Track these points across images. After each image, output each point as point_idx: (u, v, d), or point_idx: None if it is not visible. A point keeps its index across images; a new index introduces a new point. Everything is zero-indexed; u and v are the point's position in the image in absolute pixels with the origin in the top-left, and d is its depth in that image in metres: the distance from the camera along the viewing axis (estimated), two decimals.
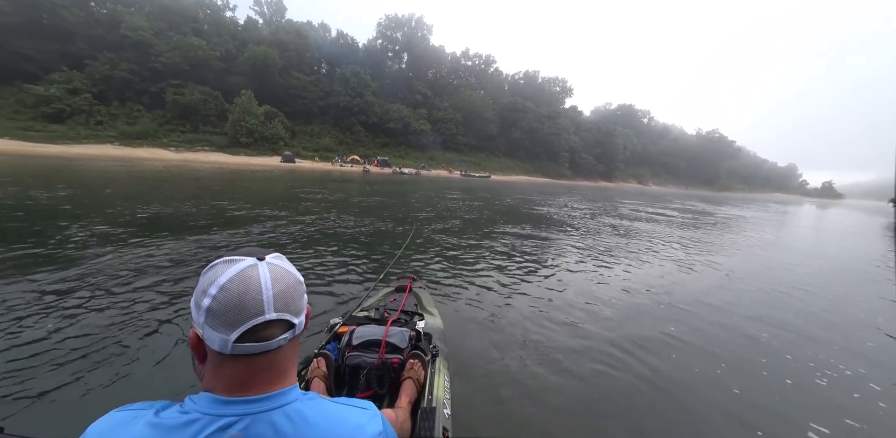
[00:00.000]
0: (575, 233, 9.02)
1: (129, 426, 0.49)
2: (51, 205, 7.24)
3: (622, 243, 8.11)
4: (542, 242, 7.40)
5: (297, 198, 11.64)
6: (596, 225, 10.80)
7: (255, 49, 40.96)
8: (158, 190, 11.14)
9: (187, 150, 33.78)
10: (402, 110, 50.58)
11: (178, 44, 36.77)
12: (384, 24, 59.21)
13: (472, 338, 2.97)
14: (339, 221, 7.74)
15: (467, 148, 57.81)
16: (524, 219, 10.99)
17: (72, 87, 33.63)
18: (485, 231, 8.28)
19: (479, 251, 6.11)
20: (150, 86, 36.55)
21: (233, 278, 0.51)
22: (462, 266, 5.14)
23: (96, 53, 35.71)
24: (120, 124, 34.03)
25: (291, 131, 42.83)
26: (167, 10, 40.48)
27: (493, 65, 70.43)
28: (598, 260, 6.30)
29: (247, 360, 0.52)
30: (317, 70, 51.57)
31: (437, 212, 10.74)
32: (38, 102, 31.98)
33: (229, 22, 47.85)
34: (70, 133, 31.09)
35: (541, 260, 5.91)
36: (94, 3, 39.26)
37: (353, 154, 43.71)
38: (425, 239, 6.67)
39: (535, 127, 62.60)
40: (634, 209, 18.51)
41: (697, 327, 3.67)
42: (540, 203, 17.44)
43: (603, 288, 4.72)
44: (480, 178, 44.79)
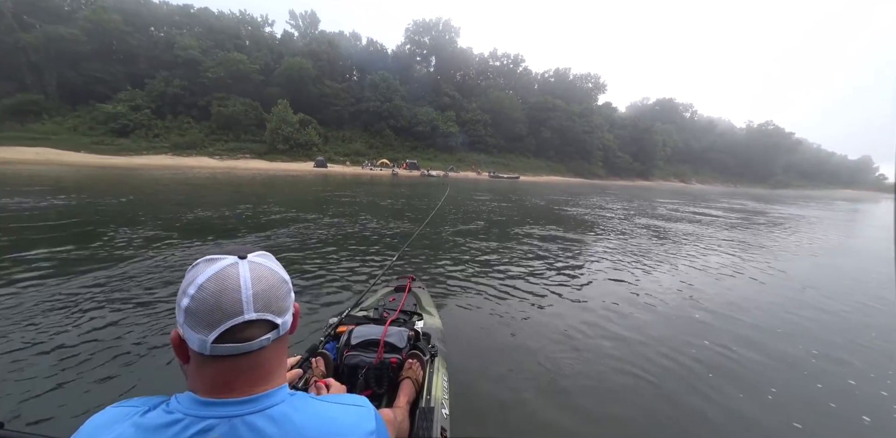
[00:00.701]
0: (605, 235, 8.50)
1: (117, 424, 0.49)
2: (115, 210, 8.07)
3: (657, 246, 7.51)
4: (568, 244, 7.02)
5: (328, 201, 12.07)
6: (629, 227, 10.14)
7: (291, 60, 43.12)
8: (204, 196, 12.01)
9: (230, 158, 36.20)
10: (430, 113, 51.01)
11: (223, 59, 39.57)
12: (412, 30, 60.17)
13: (472, 339, 2.93)
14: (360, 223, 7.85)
15: (496, 149, 57.17)
16: (552, 220, 10.55)
17: (134, 104, 37.31)
18: (507, 232, 8.02)
19: (495, 253, 5.92)
20: (199, 100, 39.59)
21: (211, 277, 0.50)
22: (473, 267, 5.00)
23: (154, 72, 39.33)
24: (173, 136, 37.17)
25: (324, 137, 44.59)
26: (213, 29, 43.79)
27: (521, 64, 69.31)
28: (627, 263, 5.89)
29: (228, 361, 0.51)
30: (348, 77, 53.41)
31: (461, 214, 10.60)
32: (108, 119, 35.77)
33: (268, 37, 50.88)
34: (132, 145, 34.44)
35: (562, 263, 5.60)
36: (153, 27, 43.37)
37: (382, 157, 44.65)
38: (441, 240, 6.56)
39: (565, 125, 60.67)
40: (674, 209, 17.26)
41: (741, 341, 3.27)
42: (570, 204, 16.74)
43: (628, 294, 4.40)
44: (509, 179, 44.04)
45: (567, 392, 2.36)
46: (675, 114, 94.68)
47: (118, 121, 35.90)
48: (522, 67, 69.94)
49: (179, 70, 39.26)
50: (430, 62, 61.97)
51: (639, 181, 70.21)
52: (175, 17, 44.72)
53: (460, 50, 62.32)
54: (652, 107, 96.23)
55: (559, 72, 73.11)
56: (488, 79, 66.53)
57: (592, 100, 73.95)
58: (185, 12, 45.39)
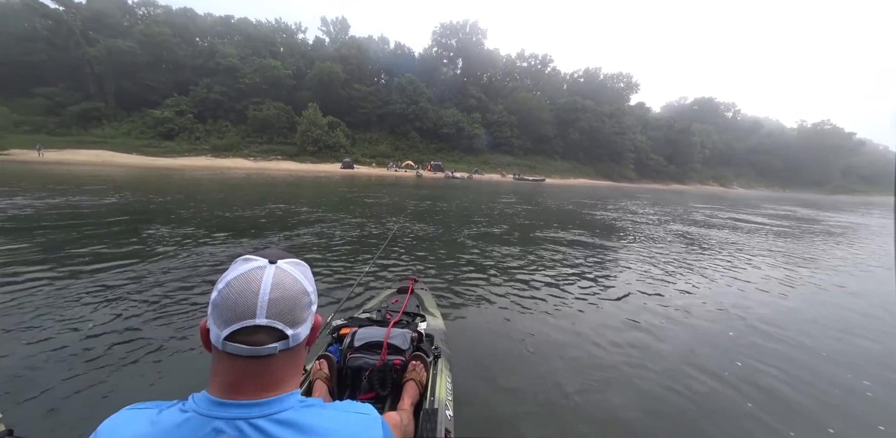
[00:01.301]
0: (633, 241, 7.97)
1: (134, 423, 0.51)
2: (159, 208, 8.62)
3: (691, 254, 6.92)
4: (592, 250, 6.62)
5: (353, 202, 12.24)
6: (660, 233, 9.47)
7: (321, 65, 44.70)
8: (239, 195, 12.55)
9: (263, 159, 37.94)
10: (456, 115, 51.08)
11: (259, 66, 41.67)
12: (439, 32, 60.64)
13: (477, 340, 2.90)
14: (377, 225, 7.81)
15: (522, 151, 56.29)
16: (576, 224, 10.06)
17: (179, 110, 40.05)
18: (528, 236, 7.70)
19: (512, 257, 5.66)
20: (236, 105, 41.88)
21: (238, 276, 0.52)
22: (486, 270, 4.79)
23: (198, 80, 42.06)
24: (212, 139, 39.52)
25: (352, 139, 45.80)
26: (251, 38, 46.25)
27: (549, 64, 67.98)
28: (655, 272, 5.45)
29: (238, 361, 0.52)
30: (376, 81, 54.62)
31: (481, 216, 10.35)
32: (156, 124, 38.62)
33: (300, 43, 53.10)
34: (177, 148, 36.95)
35: (584, 269, 5.25)
36: (198, 38, 46.49)
37: (407, 159, 45.17)
38: (456, 242, 6.38)
39: (595, 126, 58.71)
40: (711, 215, 16.07)
41: (789, 366, 2.86)
42: (598, 207, 16.01)
43: (652, 304, 4.03)
44: (534, 182, 43.12)
45: (574, 397, 2.29)
46: (715, 113, 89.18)
47: (165, 125, 38.67)
48: (551, 68, 68.59)
49: (220, 77, 41.75)
50: (456, 64, 62.15)
51: (673, 185, 66.60)
52: (218, 28, 47.73)
53: (487, 51, 62.05)
54: (689, 107, 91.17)
55: (589, 71, 71.03)
56: (515, 80, 65.76)
57: (624, 100, 71.17)
58: (226, 23, 48.34)
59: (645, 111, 76.07)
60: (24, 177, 14.63)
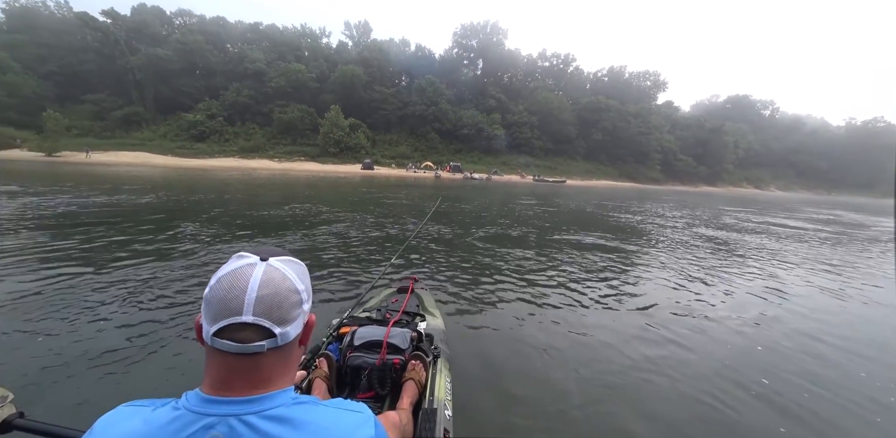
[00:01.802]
0: (656, 245, 7.58)
1: (128, 420, 0.51)
2: (190, 206, 9.06)
3: (720, 260, 6.49)
4: (611, 254, 6.35)
5: (373, 202, 12.32)
6: (686, 237, 8.95)
7: (344, 68, 45.76)
8: (263, 195, 12.94)
9: (287, 160, 39.20)
10: (476, 116, 50.93)
11: (284, 70, 43.15)
12: (459, 34, 60.73)
13: (478, 341, 2.90)
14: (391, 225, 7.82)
15: (542, 152, 55.38)
16: (596, 227, 9.69)
17: (210, 113, 42.07)
18: (543, 238, 7.47)
19: (523, 259, 5.47)
20: (263, 108, 43.53)
21: (229, 273, 0.53)
22: (493, 272, 4.62)
23: (228, 84, 44.05)
24: (240, 140, 41.24)
25: (372, 140, 46.54)
26: (277, 43, 48.01)
27: (572, 63, 66.65)
28: (677, 277, 5.12)
29: (227, 358, 0.52)
30: (397, 83, 55.34)
31: (497, 218, 10.18)
32: (189, 126, 40.75)
33: (324, 47, 54.61)
34: (207, 149, 38.81)
35: (599, 274, 5.02)
36: (229, 45, 48.72)
37: (426, 160, 45.41)
38: (465, 243, 6.28)
39: (619, 127, 56.94)
40: (744, 218, 15.13)
41: (817, 385, 2.57)
42: (621, 210, 15.43)
43: (669, 312, 3.77)
44: (554, 183, 42.26)
45: (576, 400, 2.24)
46: (750, 111, 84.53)
47: (197, 128, 40.73)
48: (573, 67, 67.22)
49: (248, 81, 43.56)
50: (476, 65, 62.01)
51: (703, 187, 63.56)
52: (248, 34, 49.87)
53: (508, 52, 61.57)
54: (722, 106, 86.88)
55: (613, 70, 69.06)
56: (536, 80, 64.88)
57: (651, 99, 68.73)
58: (255, 29, 50.43)
59: (673, 110, 73.07)
60: (72, 177, 15.72)
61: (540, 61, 65.76)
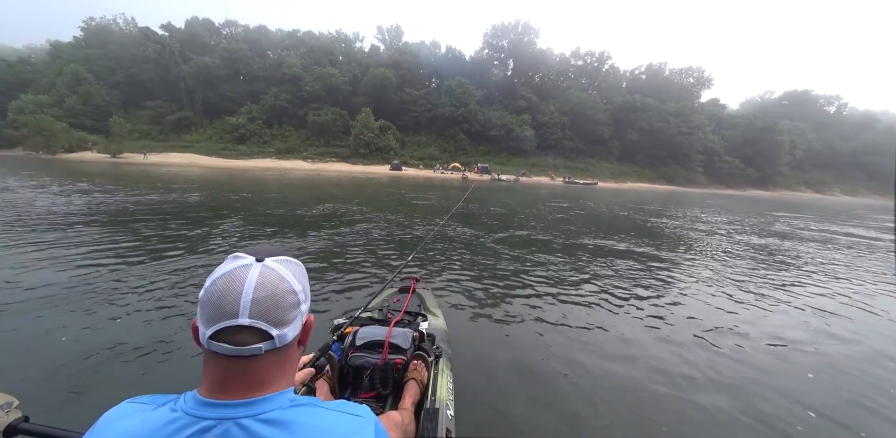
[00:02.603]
0: (693, 253, 6.96)
1: (128, 419, 0.51)
2: (231, 204, 9.69)
3: (766, 271, 5.83)
4: (641, 260, 5.92)
5: (400, 203, 12.46)
6: (730, 245, 8.15)
7: (375, 71, 46.88)
8: (297, 195, 13.50)
9: (319, 161, 40.71)
10: (505, 117, 50.30)
11: (319, 74, 44.90)
12: (490, 34, 60.33)
13: (480, 341, 2.88)
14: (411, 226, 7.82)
15: (574, 153, 53.64)
16: (629, 232, 9.09)
17: (251, 117, 44.62)
18: (571, 242, 7.10)
19: (543, 264, 5.19)
20: (298, 111, 45.54)
21: (223, 275, 0.52)
22: (502, 274, 4.41)
23: (267, 89, 46.51)
24: (277, 142, 43.38)
25: (402, 142, 47.28)
26: (314, 48, 50.07)
27: (607, 62, 64.11)
28: (714, 289, 4.63)
29: (224, 361, 0.51)
30: (427, 85, 55.90)
31: (519, 220, 9.87)
32: (232, 129, 43.45)
33: (357, 51, 56.25)
34: (247, 151, 41.16)
35: (624, 281, 4.65)
36: (270, 52, 51.51)
37: (454, 161, 45.42)
38: (483, 246, 6.10)
39: (657, 127, 53.93)
40: (800, 226, 13.65)
41: (871, 421, 2.15)
42: (658, 214, 14.48)
43: (700, 326, 3.37)
44: (585, 186, 40.72)
45: (577, 398, 2.24)
46: (811, 108, 77.03)
47: (239, 130, 43.35)
48: (608, 65, 64.63)
49: (286, 85, 45.78)
50: (507, 65, 61.29)
51: (752, 190, 58.64)
52: (286, 41, 52.49)
53: (539, 51, 60.34)
54: (777, 103, 79.97)
55: (652, 67, 65.62)
56: (569, 79, 63.05)
57: (694, 97, 64.55)
58: (293, 36, 52.97)
59: (719, 108, 68.10)
60: (131, 177, 17.23)
61: (573, 60, 63.82)
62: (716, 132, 60.16)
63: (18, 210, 7.01)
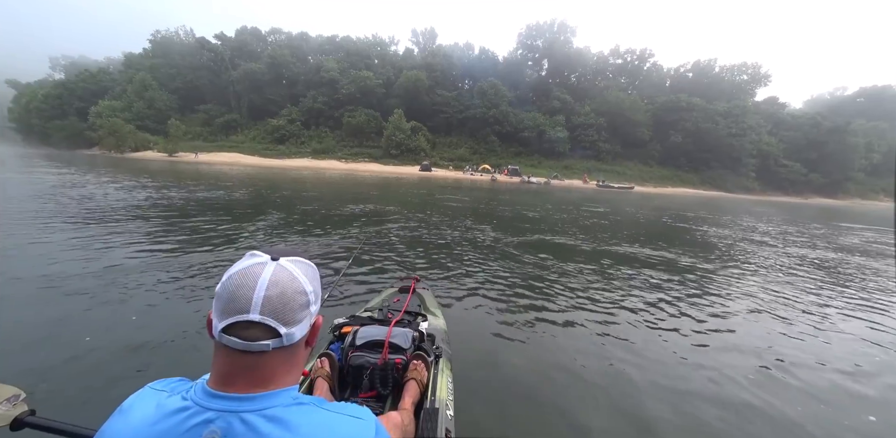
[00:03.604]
0: (740, 266, 6.24)
1: (146, 404, 0.54)
2: (271, 201, 10.26)
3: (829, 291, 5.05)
4: (673, 269, 5.42)
5: (430, 204, 12.43)
6: (788, 260, 7.22)
7: (408, 73, 47.68)
8: (331, 193, 14.03)
9: (352, 161, 41.99)
10: (538, 118, 49.17)
11: (354, 77, 46.40)
12: (524, 34, 59.34)
13: (480, 341, 2.88)
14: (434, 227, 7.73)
15: (610, 155, 51.30)
16: (666, 241, 8.36)
17: (290, 118, 46.97)
18: (598, 249, 6.64)
19: (564, 274, 4.87)
20: (334, 113, 47.30)
21: (240, 271, 0.53)
22: (516, 279, 4.18)
23: (306, 92, 48.77)
24: (313, 143, 45.32)
25: (432, 143, 47.67)
26: (351, 53, 51.88)
27: (649, 60, 60.77)
28: (766, 308, 4.10)
29: (232, 354, 0.53)
30: (459, 86, 56.01)
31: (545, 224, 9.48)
32: (273, 130, 45.99)
33: (392, 54, 57.56)
34: (286, 151, 43.35)
35: (651, 292, 4.24)
36: (310, 56, 54.06)
37: (484, 163, 45.05)
38: (501, 250, 5.90)
39: (703, 128, 50.20)
40: (874, 239, 11.95)
41: None
42: (703, 222, 13.36)
43: (734, 344, 2.98)
44: (620, 190, 38.73)
45: (575, 395, 2.26)
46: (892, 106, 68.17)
47: (279, 131, 45.78)
48: (650, 63, 61.25)
49: (323, 88, 47.76)
50: (541, 65, 59.96)
51: (816, 198, 52.88)
52: (325, 46, 54.87)
53: (576, 50, 58.46)
54: (851, 100, 71.82)
55: (700, 65, 61.25)
56: (608, 78, 60.48)
57: (747, 95, 59.48)
58: (332, 42, 55.24)
59: (778, 107, 62.16)
60: (185, 174, 18.70)
61: (612, 58, 61.14)
62: (773, 133, 54.99)
63: (87, 203, 7.74)
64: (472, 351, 2.61)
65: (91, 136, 41.74)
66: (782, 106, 63.53)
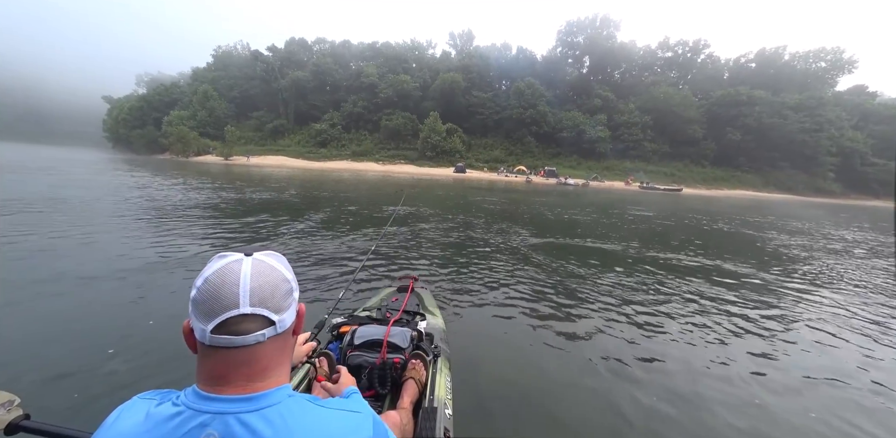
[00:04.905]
0: (817, 282, 5.32)
1: (134, 413, 0.52)
2: (315, 201, 10.96)
3: None
4: (712, 278, 4.85)
5: (462, 206, 12.33)
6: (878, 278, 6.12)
7: (444, 76, 48.11)
8: (371, 194, 14.62)
9: (389, 163, 43.14)
10: (577, 118, 47.30)
11: (392, 81, 47.73)
12: (564, 31, 57.44)
13: (479, 340, 2.85)
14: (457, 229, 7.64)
15: (656, 155, 47.99)
16: (721, 248, 7.48)
17: (332, 123, 49.35)
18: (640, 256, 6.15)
19: (591, 282, 4.55)
20: (373, 116, 48.95)
21: (216, 271, 0.53)
22: (527, 284, 3.98)
23: (347, 97, 51.00)
24: (353, 146, 47.21)
25: (468, 144, 47.67)
26: (390, 58, 53.48)
27: (703, 51, 56.11)
28: (849, 331, 3.44)
29: (225, 353, 0.52)
30: (496, 87, 55.50)
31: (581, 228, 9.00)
32: (316, 134, 48.59)
33: (429, 58, 58.45)
34: (328, 154, 45.57)
35: (691, 302, 3.81)
36: (352, 64, 56.51)
37: (520, 164, 44.21)
38: (512, 252, 5.68)
39: (768, 123, 45.24)
40: None
41: None
42: (771, 228, 11.88)
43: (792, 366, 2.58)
44: (666, 192, 36.00)
45: (573, 393, 2.27)
46: None
47: (321, 135, 48.28)
48: (705, 55, 56.50)
49: (363, 93, 49.65)
50: (582, 63, 57.65)
51: None
52: (366, 53, 57.02)
53: (620, 45, 55.49)
54: None
55: (765, 53, 55.36)
56: (655, 73, 56.74)
57: (826, 84, 52.74)
58: (373, 48, 57.29)
59: (867, 97, 54.41)
60: (237, 176, 20.31)
61: (660, 52, 57.26)
62: (859, 128, 48.23)
63: (149, 202, 8.60)
64: (470, 350, 2.59)
65: (163, 143, 46.94)
66: (871, 95, 55.49)
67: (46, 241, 4.65)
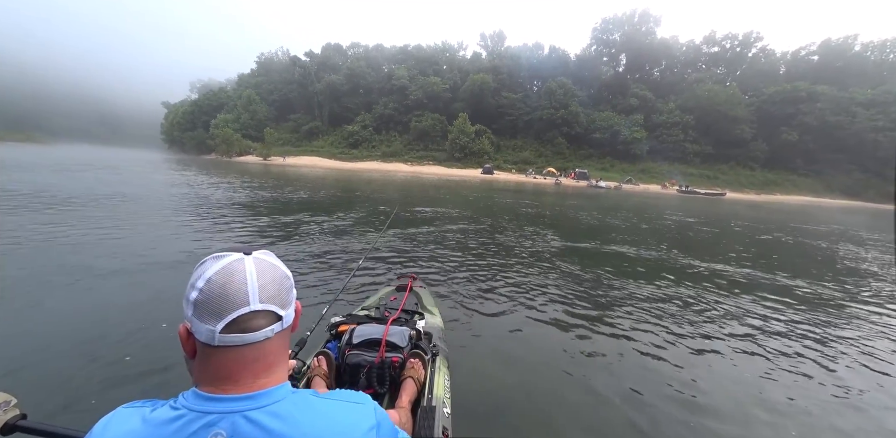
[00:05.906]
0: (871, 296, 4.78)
1: (126, 421, 0.51)
2: (347, 200, 11.33)
3: None
4: (750, 287, 4.41)
5: (488, 209, 12.11)
6: None
7: (474, 77, 48.01)
8: (401, 194, 14.92)
9: (417, 164, 43.69)
10: (612, 118, 45.49)
11: (422, 83, 48.34)
12: (599, 29, 55.48)
13: (478, 340, 2.84)
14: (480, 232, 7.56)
15: (698, 158, 45.05)
16: (766, 259, 6.76)
17: (364, 124, 50.78)
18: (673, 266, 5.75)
19: (621, 292, 4.30)
20: (403, 118, 49.80)
21: (219, 271, 0.53)
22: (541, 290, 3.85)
23: (378, 99, 52.26)
24: (383, 147, 48.29)
25: (496, 146, 47.28)
26: (420, 60, 54.20)
27: (755, 45, 52.06)
28: None
29: (233, 352, 0.52)
30: (527, 87, 54.62)
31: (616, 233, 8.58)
32: (348, 136, 50.21)
33: (460, 59, 58.60)
34: (359, 154, 46.95)
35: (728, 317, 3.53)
36: (385, 67, 57.89)
37: (549, 166, 43.19)
38: (537, 254, 5.53)
39: (831, 122, 41.06)
40: None
41: None
42: (822, 237, 10.74)
43: None
44: (707, 196, 33.65)
45: (571, 393, 2.26)
46: None
47: (353, 137, 49.84)
48: (757, 48, 52.40)
49: (394, 95, 50.68)
50: (618, 61, 55.36)
51: None
52: (398, 56, 58.16)
53: (660, 41, 52.77)
54: None
55: (829, 44, 50.35)
56: (699, 70, 53.41)
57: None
58: (404, 51, 58.35)
59: None
60: (275, 175, 21.39)
61: (705, 47, 53.82)
62: None
63: (188, 200, 9.21)
64: (470, 350, 2.56)
65: (210, 144, 50.60)
66: None
67: (77, 237, 4.81)
